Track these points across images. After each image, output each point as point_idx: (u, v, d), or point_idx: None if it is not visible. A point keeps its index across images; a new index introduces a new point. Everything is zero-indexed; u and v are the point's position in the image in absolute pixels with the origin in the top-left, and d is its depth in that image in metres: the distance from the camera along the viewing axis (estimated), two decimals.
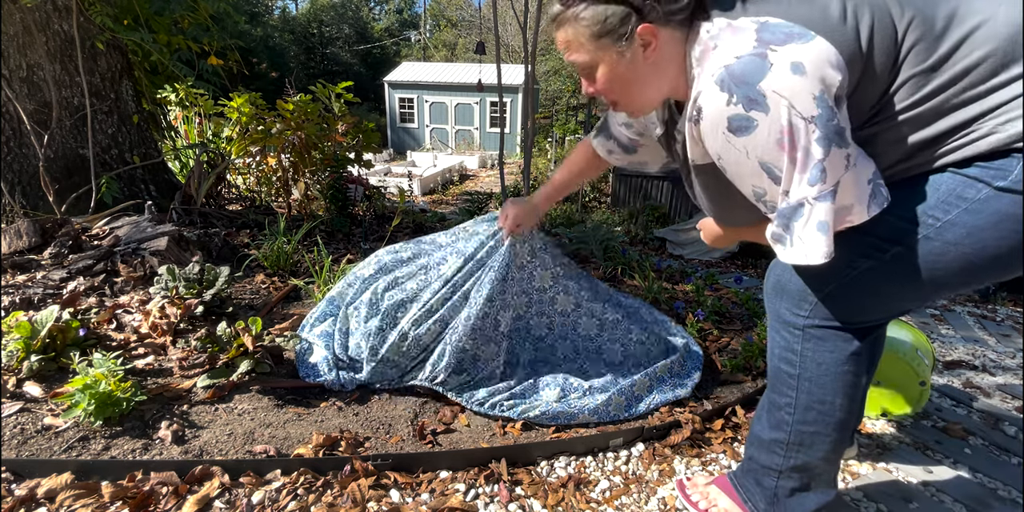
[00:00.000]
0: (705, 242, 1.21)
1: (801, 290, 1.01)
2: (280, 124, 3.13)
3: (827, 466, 1.07)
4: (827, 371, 1.00)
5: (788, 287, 1.03)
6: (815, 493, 1.09)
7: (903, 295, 0.95)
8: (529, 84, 2.45)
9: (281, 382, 1.55)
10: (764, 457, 1.11)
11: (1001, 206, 0.79)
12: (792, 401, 1.05)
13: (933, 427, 1.68)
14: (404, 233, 3.41)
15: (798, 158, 0.78)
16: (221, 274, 1.94)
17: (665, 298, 2.32)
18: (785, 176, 0.81)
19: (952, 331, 2.62)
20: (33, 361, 1.48)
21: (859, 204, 0.84)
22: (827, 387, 1.01)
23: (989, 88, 0.78)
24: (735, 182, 0.90)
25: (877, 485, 1.39)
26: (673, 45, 0.90)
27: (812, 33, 0.78)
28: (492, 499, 1.26)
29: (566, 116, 17.34)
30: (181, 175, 3.93)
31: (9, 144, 2.87)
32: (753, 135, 0.80)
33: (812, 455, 1.05)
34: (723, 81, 0.79)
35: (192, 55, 3.71)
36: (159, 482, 1.18)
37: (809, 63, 0.76)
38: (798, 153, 0.78)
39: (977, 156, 0.80)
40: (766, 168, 0.82)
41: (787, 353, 1.05)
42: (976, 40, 0.78)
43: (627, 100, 1.01)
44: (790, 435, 1.06)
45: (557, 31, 0.95)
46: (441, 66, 19.21)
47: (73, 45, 2.83)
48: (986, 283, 0.91)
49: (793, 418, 1.05)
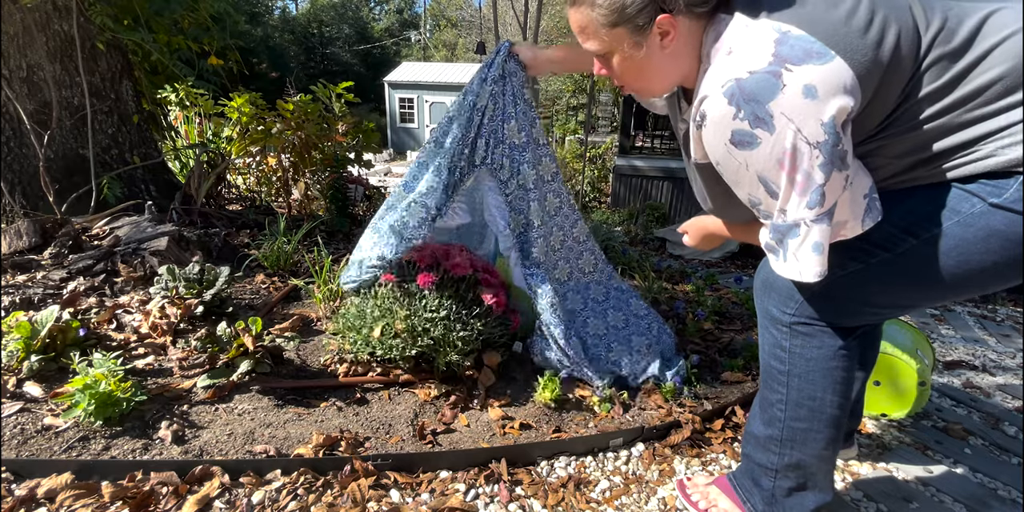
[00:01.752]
0: (690, 246, 1.22)
1: (788, 288, 1.02)
2: (280, 124, 3.13)
3: (822, 465, 1.07)
4: (815, 367, 1.01)
5: (776, 285, 1.04)
6: (812, 493, 1.09)
7: (887, 300, 0.97)
8: (529, 84, 2.45)
9: (281, 382, 1.55)
10: (760, 455, 1.12)
11: (992, 222, 0.79)
12: (783, 397, 1.06)
13: (933, 427, 1.68)
14: None
15: (798, 180, 0.78)
16: (221, 274, 1.94)
17: (665, 298, 2.32)
18: (783, 195, 0.81)
19: (952, 331, 2.62)
20: (33, 361, 1.48)
21: (853, 220, 0.86)
22: (817, 383, 1.02)
23: (998, 109, 0.77)
24: (732, 187, 0.90)
25: (877, 485, 1.39)
26: (691, 36, 0.88)
27: (832, 53, 0.75)
28: (492, 499, 1.26)
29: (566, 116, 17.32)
30: (181, 175, 3.93)
31: (9, 144, 2.87)
32: (755, 151, 0.79)
33: (806, 452, 1.05)
34: (733, 95, 0.78)
35: (192, 55, 3.70)
36: (159, 482, 1.18)
37: (822, 87, 0.74)
38: (798, 176, 0.78)
39: (975, 175, 0.80)
40: (763, 182, 0.83)
41: (776, 350, 1.06)
42: (994, 58, 0.76)
43: (638, 86, 1.00)
44: (783, 431, 1.07)
45: (571, 9, 0.92)
46: (441, 66, 19.21)
47: (73, 45, 2.82)
48: (970, 295, 0.92)
49: (785, 414, 1.06)
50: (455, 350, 1.55)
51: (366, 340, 1.59)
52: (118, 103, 3.20)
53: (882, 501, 1.33)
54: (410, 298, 1.58)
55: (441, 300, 1.57)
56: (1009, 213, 0.78)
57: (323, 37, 26.26)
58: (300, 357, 1.71)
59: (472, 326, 1.57)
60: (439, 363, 1.57)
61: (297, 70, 21.79)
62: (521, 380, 1.70)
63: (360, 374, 1.63)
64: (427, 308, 1.56)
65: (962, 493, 1.38)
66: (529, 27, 2.28)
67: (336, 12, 26.86)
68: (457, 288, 1.62)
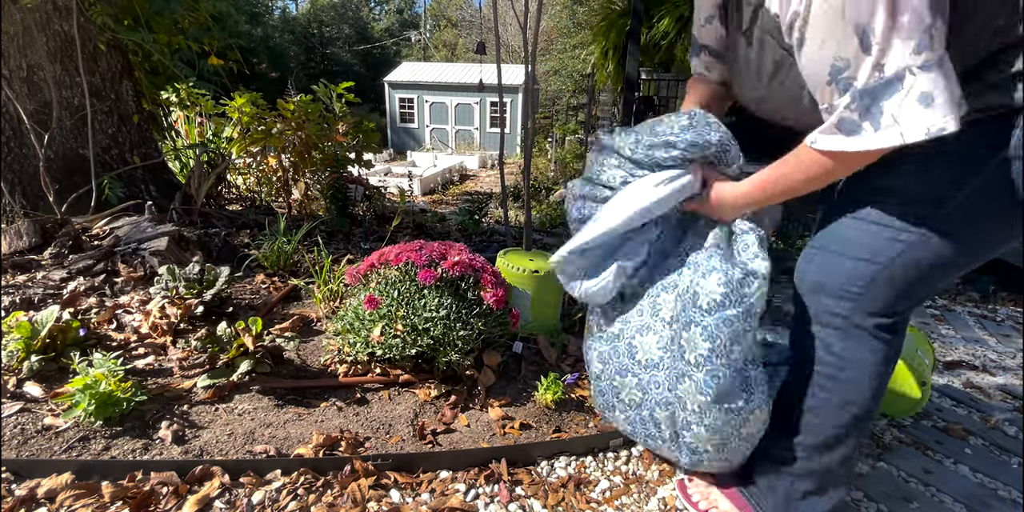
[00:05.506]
0: (715, 214, 1.10)
1: (842, 284, 0.96)
2: (281, 124, 3.13)
3: (843, 468, 1.05)
4: (866, 372, 0.97)
5: (829, 284, 0.98)
6: (829, 494, 1.07)
7: (952, 263, 0.92)
8: (529, 84, 2.45)
9: (281, 382, 1.55)
10: (781, 459, 1.09)
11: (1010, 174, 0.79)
12: (824, 402, 1.01)
13: (933, 427, 1.68)
14: (404, 233, 3.41)
15: (903, 22, 0.70)
16: (221, 274, 1.94)
17: None
18: (881, 42, 0.72)
19: (952, 331, 2.62)
20: (33, 361, 1.48)
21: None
22: (864, 388, 0.98)
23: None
24: (813, 57, 0.80)
25: (877, 485, 1.39)
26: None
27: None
28: (492, 499, 1.26)
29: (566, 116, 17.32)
30: (181, 175, 3.93)
31: (9, 144, 2.87)
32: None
33: (833, 457, 1.03)
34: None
35: (193, 55, 3.70)
36: (159, 482, 1.18)
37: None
38: (903, 16, 0.70)
39: None
40: (859, 32, 0.73)
41: (823, 354, 1.00)
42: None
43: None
44: (817, 438, 1.03)
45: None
46: (441, 66, 19.20)
47: (73, 45, 2.82)
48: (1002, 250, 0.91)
49: (822, 420, 1.02)
50: (455, 350, 1.55)
51: (366, 341, 1.59)
52: (118, 103, 3.20)
53: (882, 501, 1.33)
54: (410, 298, 1.58)
55: (441, 299, 1.57)
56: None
57: (323, 37, 26.26)
58: (300, 357, 1.71)
59: (472, 325, 1.57)
60: (439, 363, 1.57)
61: (297, 70, 21.78)
62: (521, 380, 1.70)
63: (360, 374, 1.63)
64: (427, 307, 1.56)
65: (962, 493, 1.38)
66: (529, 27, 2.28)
67: (336, 12, 26.85)
68: (457, 287, 1.62)
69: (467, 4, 28.37)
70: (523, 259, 1.92)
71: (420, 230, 3.58)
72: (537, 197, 6.06)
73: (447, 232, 3.61)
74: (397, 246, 1.70)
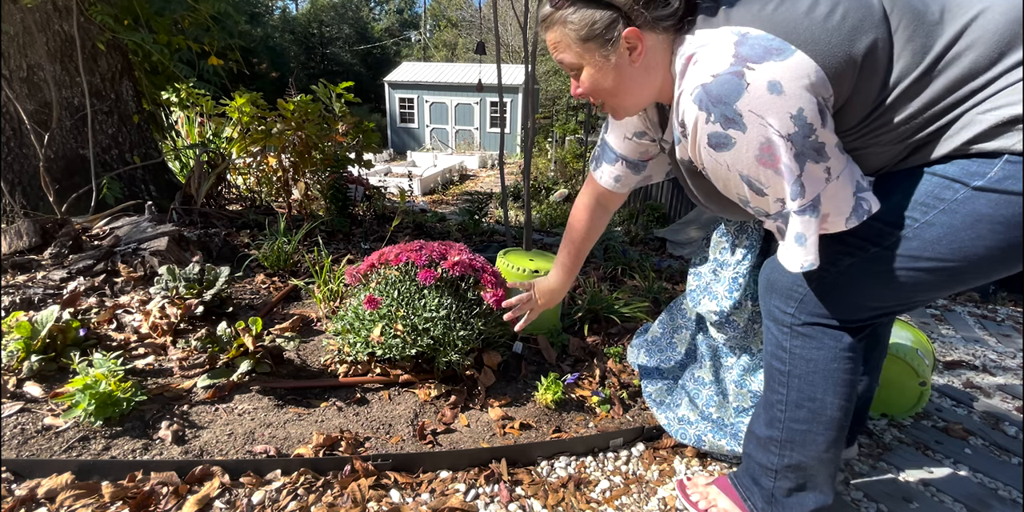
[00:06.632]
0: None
1: (788, 287, 1.02)
2: (281, 124, 3.13)
3: (822, 467, 1.06)
4: (816, 368, 1.01)
5: (777, 284, 1.04)
6: (812, 494, 1.08)
7: (885, 294, 0.96)
8: (529, 84, 2.45)
9: (281, 382, 1.55)
10: (760, 455, 1.12)
11: (978, 206, 0.79)
12: (783, 398, 1.06)
13: (933, 427, 1.68)
14: (404, 233, 3.41)
15: (782, 171, 0.80)
16: (221, 274, 1.94)
17: (665, 298, 2.32)
18: (773, 188, 0.83)
19: (952, 331, 2.62)
20: (33, 361, 1.48)
21: (836, 215, 0.86)
22: (817, 385, 1.01)
23: (984, 82, 0.78)
24: (723, 191, 0.93)
25: (877, 485, 1.39)
26: (661, 50, 0.92)
27: (792, 48, 0.78)
28: (492, 499, 1.26)
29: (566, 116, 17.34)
30: (181, 175, 3.93)
31: (9, 144, 2.87)
32: (732, 151, 0.82)
33: (805, 454, 1.05)
34: (701, 100, 0.80)
35: (193, 55, 3.71)
36: (159, 482, 1.18)
37: (787, 82, 0.76)
38: (781, 166, 0.80)
39: (963, 145, 0.80)
40: (747, 181, 0.85)
41: (778, 350, 1.06)
42: (972, 33, 0.77)
43: (613, 102, 1.01)
44: (783, 433, 1.06)
45: (546, 32, 0.97)
46: (441, 66, 19.21)
47: (73, 45, 2.83)
48: (969, 285, 0.91)
49: (785, 415, 1.06)
50: (455, 350, 1.55)
51: (366, 341, 1.59)
52: (118, 103, 3.20)
53: (882, 501, 1.33)
54: (410, 298, 1.58)
55: (441, 299, 1.57)
56: (993, 195, 0.78)
57: (323, 37, 26.27)
58: (300, 357, 1.71)
59: (472, 325, 1.57)
60: (439, 363, 1.57)
61: (297, 70, 21.79)
62: (521, 380, 1.70)
63: (360, 374, 1.63)
64: (427, 308, 1.56)
65: (962, 493, 1.38)
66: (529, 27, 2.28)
67: (336, 12, 26.86)
68: (457, 287, 1.62)
69: (467, 4, 28.38)
70: (523, 259, 1.92)
71: (420, 230, 3.58)
72: (537, 197, 6.06)
73: (447, 232, 3.61)
74: (397, 246, 1.70)
